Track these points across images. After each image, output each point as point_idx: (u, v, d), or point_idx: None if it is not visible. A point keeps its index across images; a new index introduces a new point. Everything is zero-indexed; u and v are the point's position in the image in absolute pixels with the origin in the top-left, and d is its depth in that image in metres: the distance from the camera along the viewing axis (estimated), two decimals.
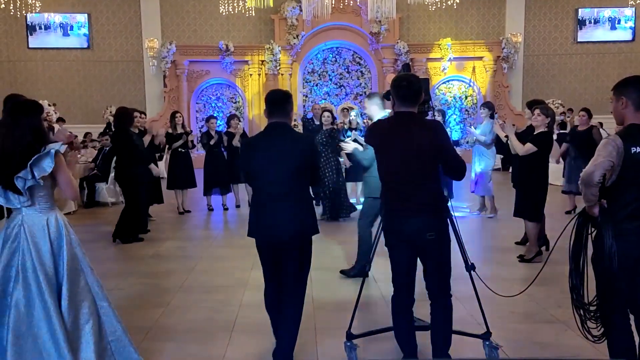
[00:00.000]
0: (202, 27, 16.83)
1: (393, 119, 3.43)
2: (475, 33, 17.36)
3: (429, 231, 3.25)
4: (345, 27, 16.52)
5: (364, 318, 4.54)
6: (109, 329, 3.32)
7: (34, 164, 3.06)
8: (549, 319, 4.50)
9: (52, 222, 3.20)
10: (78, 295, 3.20)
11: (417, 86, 3.34)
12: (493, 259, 6.35)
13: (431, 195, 3.28)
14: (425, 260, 3.35)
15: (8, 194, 3.14)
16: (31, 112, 3.20)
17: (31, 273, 3.10)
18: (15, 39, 16.51)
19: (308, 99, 17.00)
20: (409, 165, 3.23)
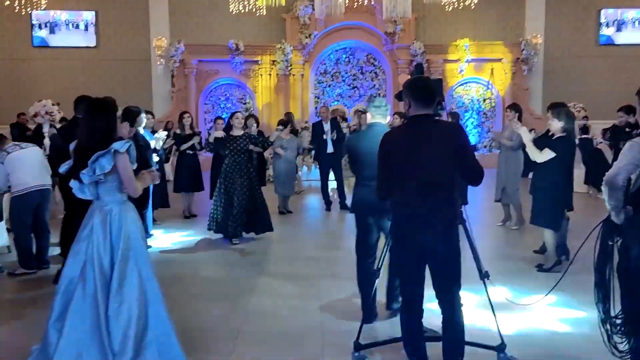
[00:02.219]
0: (211, 26, 16.90)
1: (410, 124, 3.37)
2: (493, 34, 17.29)
3: (444, 240, 3.22)
4: (359, 26, 16.52)
5: (372, 327, 4.51)
6: (155, 322, 3.54)
7: (95, 161, 3.41)
8: (568, 331, 4.45)
9: (114, 215, 3.54)
10: (126, 287, 3.47)
11: (432, 88, 3.33)
12: (509, 267, 6.29)
13: (448, 202, 3.25)
14: (435, 270, 3.31)
15: (84, 187, 3.53)
16: (104, 110, 3.55)
17: (90, 263, 3.46)
18: (20, 36, 16.68)
19: (320, 100, 17.01)
20: (428, 170, 3.19)
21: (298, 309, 5.05)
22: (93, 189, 3.53)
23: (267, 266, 6.56)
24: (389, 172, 3.35)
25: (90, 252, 3.48)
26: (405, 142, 3.28)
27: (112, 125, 3.55)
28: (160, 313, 3.58)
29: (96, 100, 3.64)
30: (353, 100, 16.93)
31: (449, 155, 3.18)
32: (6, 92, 16.43)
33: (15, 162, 6.02)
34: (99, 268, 3.46)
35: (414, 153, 3.21)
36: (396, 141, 3.35)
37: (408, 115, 3.39)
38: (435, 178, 3.19)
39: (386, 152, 3.38)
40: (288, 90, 16.59)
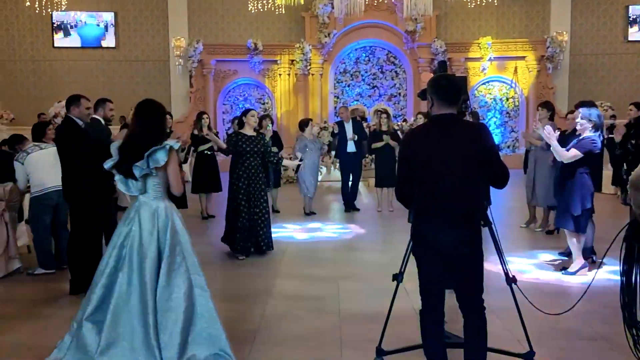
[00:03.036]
0: (230, 26, 16.98)
1: (432, 123, 3.31)
2: (517, 31, 17.11)
3: (468, 244, 3.15)
4: (379, 25, 16.47)
5: (393, 332, 4.46)
6: (202, 316, 3.66)
7: (150, 155, 3.58)
8: (592, 336, 4.37)
9: (161, 210, 3.68)
10: (175, 279, 3.61)
11: (457, 86, 3.26)
12: (534, 270, 6.21)
13: (473, 204, 3.19)
14: (457, 273, 3.25)
15: (129, 182, 3.67)
16: (156, 111, 3.77)
17: (136, 256, 3.59)
18: (41, 37, 16.93)
19: (340, 100, 16.99)
20: (453, 172, 3.11)
21: (316, 310, 5.03)
22: (137, 184, 3.66)
23: (284, 267, 6.56)
24: (410, 173, 3.29)
25: (136, 246, 3.60)
26: (428, 142, 3.20)
27: (163, 124, 3.83)
28: (207, 306, 3.68)
29: (149, 101, 3.85)
30: (373, 100, 16.89)
31: (475, 156, 3.11)
32: (27, 93, 16.71)
33: (34, 162, 6.10)
34: (146, 263, 3.57)
35: (437, 154, 3.14)
36: (419, 141, 3.28)
37: (431, 114, 3.32)
38: (460, 180, 3.12)
39: (408, 152, 3.31)
40: (307, 90, 16.59)
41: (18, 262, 6.33)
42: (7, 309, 5.16)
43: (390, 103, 16.93)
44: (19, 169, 6.20)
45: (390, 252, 7.13)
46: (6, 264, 6.14)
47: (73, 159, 5.37)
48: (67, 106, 5.54)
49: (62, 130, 5.59)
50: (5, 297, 5.53)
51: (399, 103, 17.14)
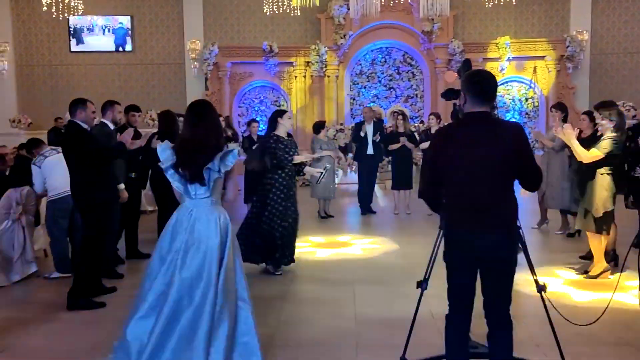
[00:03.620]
0: (245, 28, 17.04)
1: (465, 121, 3.20)
2: (536, 30, 16.95)
3: (505, 248, 3.07)
4: (396, 26, 16.41)
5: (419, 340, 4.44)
6: (243, 330, 3.57)
7: (222, 159, 3.48)
8: (616, 342, 4.30)
9: (222, 218, 3.56)
10: (228, 292, 3.50)
11: (493, 83, 3.15)
12: (554, 274, 6.13)
13: (509, 207, 3.10)
14: (489, 280, 3.14)
15: (187, 185, 3.53)
16: (212, 110, 3.70)
17: (196, 262, 3.43)
18: (58, 42, 17.11)
19: (356, 102, 16.95)
20: (488, 173, 3.02)
21: (332, 315, 5.01)
22: (200, 187, 3.51)
23: (301, 270, 6.54)
24: (439, 174, 3.19)
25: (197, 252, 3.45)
26: (460, 141, 3.10)
27: (221, 125, 3.75)
28: (248, 319, 3.60)
29: (204, 101, 3.81)
30: (389, 102, 16.83)
31: (509, 156, 3.01)
32: (45, 98, 16.89)
33: (51, 166, 6.16)
34: (207, 270, 3.44)
35: (470, 153, 3.03)
36: (450, 140, 3.17)
37: (462, 112, 3.22)
38: (494, 181, 3.03)
39: (438, 151, 3.21)
40: (323, 92, 16.59)
41: (35, 266, 6.40)
42: (23, 312, 5.21)
43: (407, 104, 16.85)
44: (36, 173, 6.27)
45: (408, 256, 7.09)
46: (23, 267, 6.21)
47: (79, 163, 5.27)
48: (72, 110, 5.37)
49: (67, 135, 5.50)
50: (22, 301, 5.59)
51: (415, 104, 17.06)
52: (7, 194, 6.10)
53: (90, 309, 5.20)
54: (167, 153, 3.57)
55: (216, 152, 3.48)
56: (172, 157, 3.55)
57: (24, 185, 6.34)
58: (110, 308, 5.27)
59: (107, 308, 5.26)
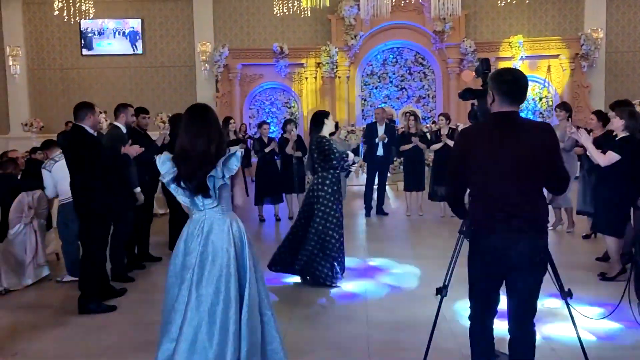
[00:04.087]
0: (255, 30, 17.08)
1: (493, 121, 3.07)
2: (550, 29, 16.83)
3: (538, 254, 2.98)
4: (407, 26, 16.37)
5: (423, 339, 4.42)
6: (269, 339, 3.44)
7: (224, 164, 3.27)
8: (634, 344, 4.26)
9: (234, 226, 3.36)
10: (251, 300, 3.31)
11: (524, 82, 3.03)
12: (570, 277, 6.06)
13: (539, 209, 3.01)
14: (516, 286, 3.03)
15: (194, 197, 3.31)
16: (213, 114, 3.41)
17: (215, 277, 3.23)
18: (69, 46, 17.26)
19: (367, 102, 16.93)
20: (518, 174, 2.92)
21: (344, 318, 5.00)
22: (206, 198, 3.30)
23: None
24: (464, 176, 3.09)
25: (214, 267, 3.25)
26: (489, 141, 2.98)
27: (221, 128, 3.46)
28: (271, 325, 3.46)
29: (202, 105, 3.49)
30: (401, 102, 16.79)
31: (539, 158, 2.92)
32: (56, 101, 17.05)
33: (61, 170, 6.18)
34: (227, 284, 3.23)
35: (499, 154, 2.93)
36: (475, 141, 3.06)
37: (482, 112, 3.15)
38: (525, 183, 2.94)
39: (464, 152, 3.08)
40: (334, 93, 16.59)
41: (47, 270, 6.46)
42: (35, 316, 5.25)
43: (419, 105, 16.81)
44: (46, 177, 6.31)
45: (420, 259, 7.07)
46: (35, 271, 6.26)
47: (82, 169, 5.21)
48: (81, 114, 5.26)
49: (72, 140, 5.38)
50: (33, 305, 5.63)
51: (427, 105, 17.01)
52: (19, 198, 6.15)
53: (101, 312, 5.23)
54: (167, 165, 3.34)
55: (218, 160, 3.26)
56: (172, 169, 3.31)
57: (36, 189, 6.39)
58: (121, 311, 5.30)
59: (119, 311, 5.29)
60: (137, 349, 4.43)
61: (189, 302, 3.22)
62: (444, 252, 7.44)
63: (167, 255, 7.35)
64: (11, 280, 5.99)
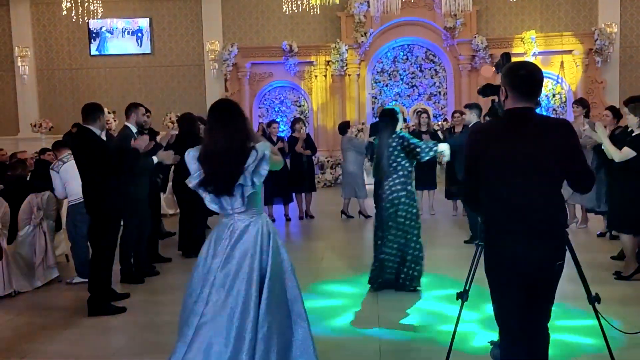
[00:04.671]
0: (264, 28, 17.09)
1: (507, 119, 2.92)
2: (563, 24, 16.70)
3: (558, 259, 2.83)
4: (417, 22, 16.30)
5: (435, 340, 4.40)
6: (300, 348, 3.31)
7: (254, 173, 3.17)
8: None
9: (263, 228, 3.28)
10: (275, 305, 3.22)
11: (539, 76, 2.89)
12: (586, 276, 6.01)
13: (558, 212, 2.87)
14: (536, 295, 2.88)
15: (221, 200, 3.24)
16: (236, 109, 3.29)
17: (236, 279, 3.17)
18: (78, 46, 17.35)
19: (377, 100, 16.89)
20: (535, 174, 2.78)
21: (355, 320, 4.99)
22: (234, 201, 3.22)
23: (324, 274, 6.53)
24: (477, 177, 2.95)
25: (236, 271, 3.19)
26: (501, 140, 2.85)
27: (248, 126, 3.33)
28: (305, 340, 3.33)
29: (227, 101, 3.40)
30: (412, 100, 16.73)
31: (557, 157, 2.77)
32: (65, 102, 17.15)
33: (70, 171, 6.22)
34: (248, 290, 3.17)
35: (512, 154, 2.80)
36: (490, 139, 2.91)
37: (503, 108, 2.98)
38: (541, 184, 2.79)
39: (478, 151, 2.94)
40: (344, 91, 16.56)
41: (56, 271, 6.49)
42: (45, 318, 5.28)
43: (430, 102, 16.74)
44: (55, 178, 6.34)
45: (432, 258, 7.02)
46: (44, 273, 6.30)
47: (90, 170, 5.27)
48: (91, 116, 5.30)
49: (77, 142, 5.46)
50: (43, 307, 5.66)
51: (439, 102, 16.94)
52: (28, 200, 6.19)
53: (111, 314, 5.25)
54: (194, 166, 3.25)
55: (243, 160, 3.15)
56: (199, 170, 3.21)
57: (45, 190, 6.43)
58: (130, 312, 5.31)
59: (128, 312, 5.31)
60: (148, 350, 4.44)
61: (208, 304, 3.17)
62: (456, 251, 7.46)
63: (176, 256, 7.39)
64: (21, 282, 6.03)
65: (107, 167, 5.29)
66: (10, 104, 17.27)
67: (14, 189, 6.48)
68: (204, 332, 3.14)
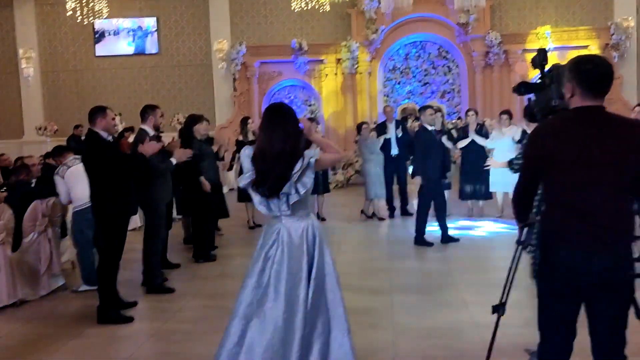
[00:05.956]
0: (273, 26, 17.05)
1: (577, 118, 2.74)
2: (578, 19, 16.54)
3: (628, 269, 2.65)
4: (430, 18, 16.20)
5: (455, 347, 4.33)
6: (338, 353, 3.35)
7: (298, 181, 3.27)
8: None
9: (309, 230, 3.38)
10: (318, 307, 3.32)
11: (609, 69, 2.70)
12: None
13: (631, 220, 2.72)
14: (599, 311, 2.70)
15: (269, 203, 3.35)
16: (290, 112, 3.42)
17: (284, 282, 3.28)
18: (83, 47, 17.40)
19: (389, 98, 16.80)
20: (610, 179, 2.62)
21: (367, 325, 4.92)
22: (282, 203, 3.32)
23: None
24: (536, 179, 2.83)
25: (283, 273, 3.30)
26: (569, 141, 2.69)
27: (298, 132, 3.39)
28: (343, 345, 3.36)
29: (280, 105, 3.53)
30: (425, 98, 16.62)
31: (631, 159, 2.62)
32: (71, 104, 17.19)
33: (75, 176, 6.19)
34: (294, 292, 3.27)
35: (581, 156, 2.64)
36: (558, 140, 2.72)
37: (567, 106, 2.83)
38: (612, 188, 2.64)
39: (541, 154, 2.77)
40: (355, 90, 16.48)
41: (62, 279, 6.46)
42: (51, 327, 5.24)
43: (444, 100, 16.63)
44: (59, 183, 6.31)
45: (447, 261, 6.96)
46: (50, 281, 6.26)
47: (98, 174, 5.27)
48: (92, 118, 5.31)
49: (86, 145, 5.46)
50: (49, 316, 5.62)
51: (452, 99, 16.82)
52: (33, 206, 6.15)
53: (119, 323, 5.21)
54: (247, 165, 3.39)
55: (292, 164, 3.25)
56: (251, 170, 3.35)
57: (50, 196, 6.39)
58: (138, 321, 5.27)
59: (135, 321, 5.26)
60: None
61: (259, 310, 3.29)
62: (471, 253, 7.37)
63: (184, 261, 7.33)
64: (26, 291, 5.99)
65: (112, 170, 5.27)
66: (14, 107, 17.36)
67: (19, 194, 6.45)
68: (252, 334, 3.27)
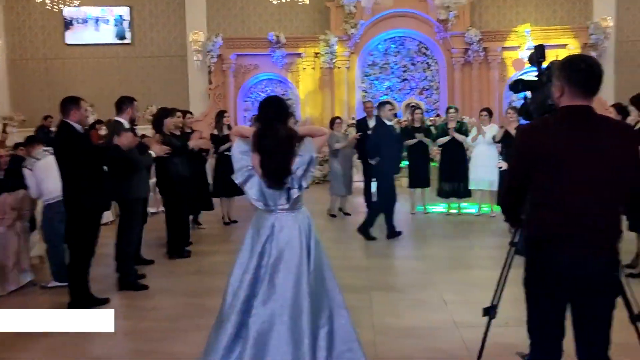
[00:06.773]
0: (250, 18, 16.94)
1: (565, 117, 2.74)
2: (558, 17, 16.76)
3: (614, 272, 2.70)
4: (409, 14, 16.25)
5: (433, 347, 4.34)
6: (343, 338, 3.49)
7: (303, 176, 3.45)
8: None
9: (304, 222, 3.53)
10: (319, 297, 3.45)
11: (599, 70, 2.74)
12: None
13: (618, 221, 2.74)
14: (586, 312, 2.73)
15: (266, 197, 3.48)
16: (285, 112, 3.58)
17: (285, 276, 3.38)
18: (53, 35, 17.08)
19: (368, 94, 16.82)
20: (598, 180, 2.63)
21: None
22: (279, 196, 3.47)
23: None
24: (526, 180, 2.78)
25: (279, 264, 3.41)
26: (558, 140, 2.69)
27: None
28: (346, 327, 3.53)
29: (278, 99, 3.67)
30: (404, 94, 16.69)
31: (621, 163, 2.64)
32: (40, 94, 16.85)
33: (44, 169, 6.08)
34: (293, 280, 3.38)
35: (571, 156, 2.65)
36: (547, 140, 2.72)
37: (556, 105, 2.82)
38: (603, 191, 2.64)
39: (529, 153, 2.75)
40: (333, 85, 16.48)
41: (30, 275, 6.34)
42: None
43: (422, 97, 16.71)
44: (28, 176, 6.19)
45: (427, 260, 6.99)
46: (18, 276, 6.14)
47: (71, 167, 5.23)
48: (66, 110, 5.27)
49: (59, 137, 5.39)
50: None
51: (431, 96, 16.92)
52: (1, 199, 6.03)
53: None
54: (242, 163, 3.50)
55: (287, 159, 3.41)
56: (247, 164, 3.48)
57: (19, 188, 6.26)
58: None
59: None
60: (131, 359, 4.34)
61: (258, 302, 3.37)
62: (450, 252, 7.42)
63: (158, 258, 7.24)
64: None
65: (85, 162, 5.20)
66: None
67: None
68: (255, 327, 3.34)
